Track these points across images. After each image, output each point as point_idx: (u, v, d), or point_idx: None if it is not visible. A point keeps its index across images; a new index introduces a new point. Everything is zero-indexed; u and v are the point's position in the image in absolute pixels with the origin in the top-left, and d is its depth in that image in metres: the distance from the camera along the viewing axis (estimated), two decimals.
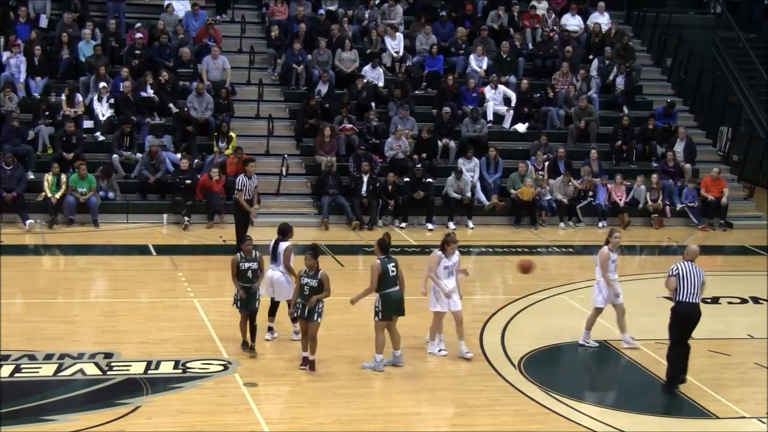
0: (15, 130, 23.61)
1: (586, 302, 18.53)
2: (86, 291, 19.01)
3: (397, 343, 14.57)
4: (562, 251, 22.98)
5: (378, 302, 14.24)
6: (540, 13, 30.18)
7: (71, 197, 22.69)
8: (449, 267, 14.85)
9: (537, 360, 15.35)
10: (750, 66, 31.10)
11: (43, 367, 14.11)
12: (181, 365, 14.34)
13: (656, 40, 31.11)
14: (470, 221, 24.58)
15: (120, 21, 27.29)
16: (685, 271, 13.91)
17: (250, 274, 14.75)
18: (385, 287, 14.20)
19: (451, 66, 28.05)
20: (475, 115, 26.07)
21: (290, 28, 27.88)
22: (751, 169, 28.51)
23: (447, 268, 14.83)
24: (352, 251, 21.84)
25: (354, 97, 26.37)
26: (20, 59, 25.15)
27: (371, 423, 12.90)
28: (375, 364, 14.37)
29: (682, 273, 13.91)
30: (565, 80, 28.00)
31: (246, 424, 12.59)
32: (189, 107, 25.21)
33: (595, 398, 14.07)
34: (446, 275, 14.85)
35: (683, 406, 13.96)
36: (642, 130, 27.39)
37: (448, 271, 14.87)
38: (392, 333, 14.50)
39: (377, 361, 14.36)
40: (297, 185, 25.08)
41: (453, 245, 14.97)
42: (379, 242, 14.44)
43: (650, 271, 21.64)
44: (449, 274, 14.88)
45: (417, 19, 29.00)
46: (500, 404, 13.63)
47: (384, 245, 14.39)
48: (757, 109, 30.46)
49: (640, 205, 25.68)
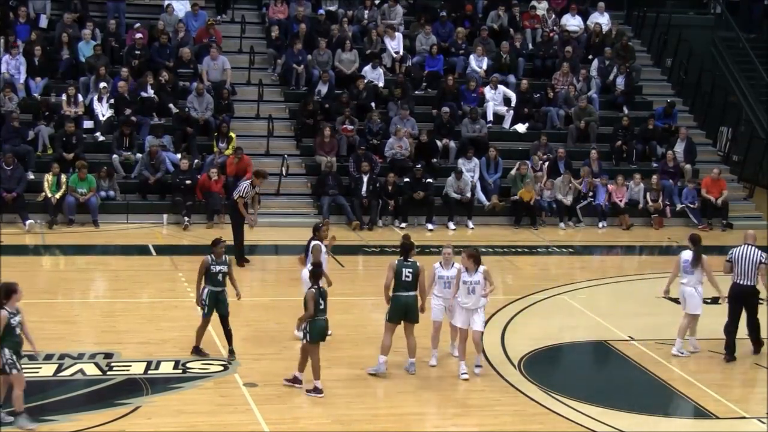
0: (15, 130, 23.61)
1: (586, 302, 18.59)
2: (86, 291, 19.02)
3: (411, 351, 14.42)
4: (562, 251, 22.99)
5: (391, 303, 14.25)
6: (540, 13, 30.18)
7: (71, 197, 22.69)
8: (444, 278, 14.37)
9: (537, 360, 15.36)
10: (750, 66, 31.10)
11: (43, 367, 14.11)
12: (181, 365, 14.35)
13: (656, 40, 31.11)
14: (470, 221, 24.59)
15: (120, 21, 27.28)
16: (739, 256, 15.32)
17: (221, 277, 14.55)
18: (396, 289, 14.20)
19: (451, 66, 28.04)
20: (474, 115, 26.07)
21: (290, 28, 27.88)
22: (751, 169, 28.51)
23: (442, 278, 14.39)
24: (352, 251, 21.84)
25: (354, 97, 26.37)
26: (20, 59, 25.15)
27: (371, 423, 12.90)
28: (378, 367, 14.30)
29: (736, 257, 15.33)
30: (565, 80, 28.00)
31: (246, 424, 12.59)
32: (189, 107, 25.21)
33: (595, 398, 14.05)
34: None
35: (683, 406, 13.97)
36: (642, 130, 27.39)
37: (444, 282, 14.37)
38: (407, 339, 14.38)
39: (380, 363, 14.31)
40: (297, 185, 25.09)
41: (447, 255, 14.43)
42: (401, 243, 14.46)
43: (650, 271, 21.65)
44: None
45: (417, 19, 29.00)
46: (500, 404, 13.64)
47: (403, 247, 14.39)
48: (757, 109, 30.47)
49: (640, 206, 25.69)
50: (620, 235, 24.85)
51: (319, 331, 13.45)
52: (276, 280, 20.09)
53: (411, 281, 14.15)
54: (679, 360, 15.51)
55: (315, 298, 13.38)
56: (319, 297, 13.44)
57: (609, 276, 21.16)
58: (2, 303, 12.02)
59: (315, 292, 13.44)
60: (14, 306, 12.09)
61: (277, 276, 20.46)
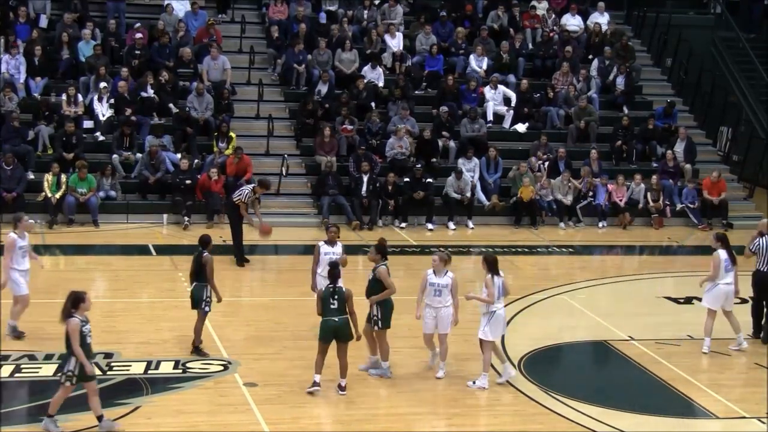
0: (15, 130, 23.61)
1: (585, 302, 18.59)
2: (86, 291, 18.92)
3: (385, 354, 14.31)
4: (562, 251, 22.98)
5: (377, 311, 14.06)
6: (540, 13, 30.18)
7: (71, 197, 22.69)
8: (434, 285, 14.12)
9: (537, 360, 15.35)
10: (750, 66, 31.10)
11: (43, 367, 14.12)
12: (181, 365, 14.35)
13: (656, 40, 31.11)
14: (470, 221, 24.58)
15: (120, 21, 27.29)
16: (763, 245, 16.31)
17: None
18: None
19: (451, 66, 28.05)
20: (473, 114, 26.07)
21: (290, 28, 27.88)
22: (751, 169, 28.51)
23: (432, 285, 14.15)
24: (352, 251, 21.78)
25: (354, 97, 26.37)
26: (20, 59, 25.15)
27: (371, 423, 12.91)
28: (383, 371, 14.24)
29: (762, 246, 16.30)
30: (565, 80, 28.00)
31: (246, 424, 12.59)
32: (189, 107, 25.22)
33: (595, 398, 14.05)
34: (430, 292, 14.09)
35: (683, 406, 13.97)
36: (642, 130, 27.39)
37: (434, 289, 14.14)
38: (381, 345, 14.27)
39: (385, 368, 14.25)
40: (297, 185, 25.08)
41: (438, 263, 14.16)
42: (378, 247, 14.37)
43: (650, 271, 21.65)
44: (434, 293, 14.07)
45: (417, 19, 29.01)
46: (500, 404, 13.64)
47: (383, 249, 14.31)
48: (757, 109, 30.47)
49: (640, 205, 25.68)
50: (620, 235, 24.84)
51: (327, 331, 13.34)
52: (276, 280, 20.10)
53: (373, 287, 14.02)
54: (680, 360, 15.49)
55: (324, 297, 13.36)
56: (329, 296, 13.39)
57: (609, 276, 21.16)
58: (71, 311, 12.00)
59: (324, 291, 13.43)
60: (83, 314, 12.11)
61: (277, 276, 20.48)
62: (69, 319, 12.01)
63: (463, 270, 21.65)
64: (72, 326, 11.94)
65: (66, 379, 12.00)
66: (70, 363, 11.96)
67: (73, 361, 11.94)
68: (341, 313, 13.38)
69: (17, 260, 15.04)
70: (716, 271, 15.74)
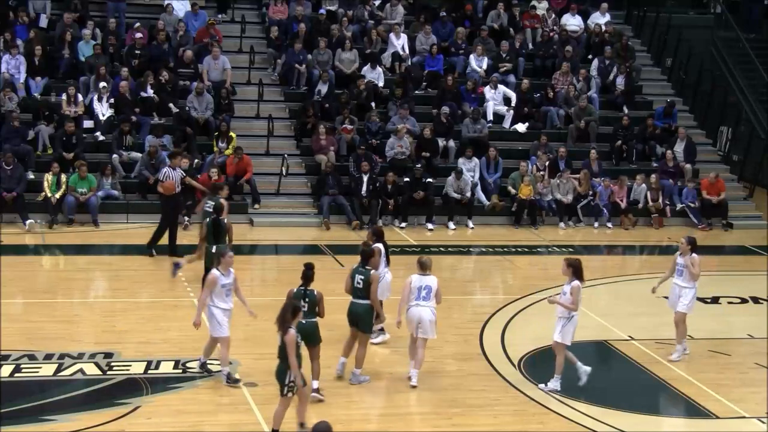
0: (15, 130, 23.61)
1: (586, 302, 18.48)
2: (86, 291, 19.00)
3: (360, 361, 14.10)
4: (562, 251, 22.97)
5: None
6: (540, 13, 30.19)
7: (71, 197, 22.69)
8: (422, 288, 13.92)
9: (537, 360, 15.34)
10: (750, 66, 31.11)
11: (43, 367, 14.12)
12: (180, 365, 14.34)
13: (656, 40, 31.12)
14: (470, 221, 24.58)
15: (120, 21, 27.29)
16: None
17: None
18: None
19: (451, 66, 28.05)
20: (475, 115, 26.07)
21: (290, 28, 27.88)
22: (751, 169, 28.51)
23: (419, 288, 13.92)
24: (352, 251, 21.78)
25: (354, 97, 26.36)
26: (20, 59, 25.15)
27: (371, 423, 12.90)
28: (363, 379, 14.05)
29: None
30: (565, 80, 28.00)
31: (246, 424, 12.59)
32: (189, 107, 25.22)
33: (595, 398, 14.05)
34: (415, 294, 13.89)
35: (683, 406, 13.97)
36: (642, 130, 27.40)
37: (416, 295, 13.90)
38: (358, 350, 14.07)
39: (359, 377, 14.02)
40: (297, 185, 25.07)
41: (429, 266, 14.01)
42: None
43: (650, 271, 21.64)
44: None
45: (417, 19, 29.01)
46: (500, 404, 13.63)
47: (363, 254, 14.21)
48: (757, 109, 30.48)
49: (640, 205, 25.69)
50: (620, 235, 24.84)
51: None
52: (276, 280, 20.07)
53: (362, 288, 13.83)
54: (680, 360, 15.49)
55: (294, 298, 12.96)
56: (300, 298, 13.06)
57: (609, 276, 21.15)
58: (290, 323, 11.85)
59: (296, 292, 13.12)
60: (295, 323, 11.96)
61: (278, 276, 20.46)
62: (288, 331, 11.80)
63: (464, 270, 21.72)
64: (290, 338, 11.77)
65: (288, 390, 11.87)
66: (290, 374, 11.83)
67: (291, 372, 11.79)
68: (311, 315, 13.17)
69: (220, 299, 13.91)
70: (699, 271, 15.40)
